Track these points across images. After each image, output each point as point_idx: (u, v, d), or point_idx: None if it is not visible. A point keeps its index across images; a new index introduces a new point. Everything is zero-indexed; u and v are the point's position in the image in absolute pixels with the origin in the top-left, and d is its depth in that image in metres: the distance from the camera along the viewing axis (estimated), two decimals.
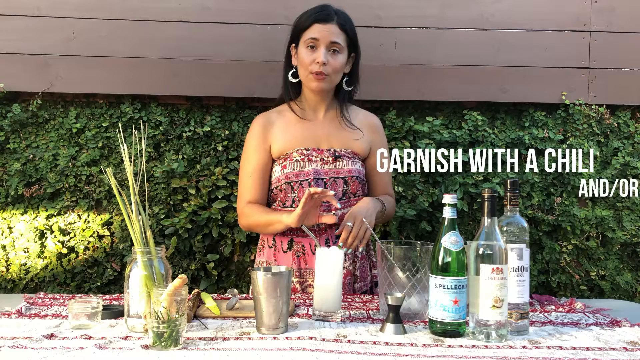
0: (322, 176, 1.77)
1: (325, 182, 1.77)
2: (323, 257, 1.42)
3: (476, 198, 2.35)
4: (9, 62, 2.25)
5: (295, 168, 1.77)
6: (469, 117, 2.34)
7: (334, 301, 1.40)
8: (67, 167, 2.27)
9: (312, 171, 1.76)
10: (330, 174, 1.78)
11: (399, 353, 1.16)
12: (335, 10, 1.79)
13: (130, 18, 2.27)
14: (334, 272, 1.41)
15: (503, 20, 2.36)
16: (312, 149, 1.80)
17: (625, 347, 1.22)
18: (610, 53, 2.38)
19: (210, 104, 2.35)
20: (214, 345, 1.20)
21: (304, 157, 1.78)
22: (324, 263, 1.41)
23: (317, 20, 1.75)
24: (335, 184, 1.77)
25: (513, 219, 1.36)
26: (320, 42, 1.74)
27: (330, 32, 1.75)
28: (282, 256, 1.79)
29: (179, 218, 2.24)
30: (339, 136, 1.84)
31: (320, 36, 1.74)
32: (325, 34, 1.74)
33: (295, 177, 1.77)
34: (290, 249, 1.78)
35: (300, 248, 1.77)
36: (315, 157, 1.79)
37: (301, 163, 1.77)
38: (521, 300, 1.32)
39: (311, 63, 1.74)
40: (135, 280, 1.29)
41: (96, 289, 2.27)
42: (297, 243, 1.77)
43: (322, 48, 1.74)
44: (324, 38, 1.74)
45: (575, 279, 2.36)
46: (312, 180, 1.75)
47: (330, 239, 1.76)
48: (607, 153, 2.39)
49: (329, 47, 1.74)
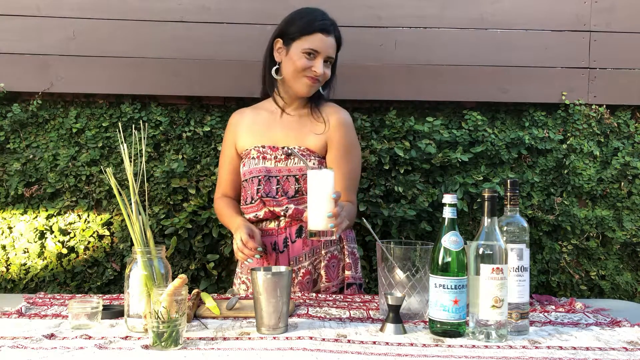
0: (275, 174, 1.80)
1: (279, 179, 1.79)
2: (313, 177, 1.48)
3: (476, 198, 2.35)
4: (9, 62, 2.25)
5: (250, 165, 1.83)
6: (469, 117, 2.34)
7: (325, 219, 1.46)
8: (67, 167, 2.27)
9: (264, 169, 1.80)
10: (283, 172, 1.80)
11: (399, 353, 1.16)
12: (332, 21, 1.81)
13: (130, 18, 2.27)
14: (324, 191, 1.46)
15: (503, 20, 2.36)
16: (267, 146, 1.83)
17: (625, 347, 1.22)
18: (610, 53, 2.38)
19: (210, 104, 2.35)
20: (214, 345, 1.20)
21: (259, 155, 1.83)
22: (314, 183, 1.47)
23: (321, 30, 1.76)
24: (288, 182, 1.79)
25: (513, 219, 1.36)
26: (319, 55, 1.77)
27: (331, 46, 1.79)
28: None
29: (179, 218, 2.24)
30: (299, 133, 1.83)
31: (323, 49, 1.77)
32: (325, 47, 1.77)
33: (250, 174, 1.82)
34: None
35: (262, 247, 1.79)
36: (269, 154, 1.83)
37: (256, 160, 1.83)
38: (521, 300, 1.32)
39: (306, 69, 1.77)
40: (135, 280, 1.30)
41: (96, 289, 2.27)
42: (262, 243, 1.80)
43: (320, 60, 1.77)
44: (324, 51, 1.77)
45: (575, 279, 2.36)
46: (263, 177, 1.79)
47: (288, 238, 1.78)
48: (607, 153, 2.39)
49: (326, 59, 1.78)
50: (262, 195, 1.78)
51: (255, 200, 1.80)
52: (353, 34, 2.27)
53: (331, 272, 1.80)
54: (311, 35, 1.76)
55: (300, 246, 1.78)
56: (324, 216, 1.46)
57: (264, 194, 1.78)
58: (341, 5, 2.30)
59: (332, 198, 1.47)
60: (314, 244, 1.79)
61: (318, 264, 1.80)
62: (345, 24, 2.26)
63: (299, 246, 1.78)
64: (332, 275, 1.80)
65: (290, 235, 1.79)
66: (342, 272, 1.83)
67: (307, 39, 1.76)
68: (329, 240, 1.80)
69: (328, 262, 1.79)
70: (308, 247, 1.78)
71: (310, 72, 1.76)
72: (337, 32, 1.81)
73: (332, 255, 1.81)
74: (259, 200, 1.78)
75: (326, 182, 1.47)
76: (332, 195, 1.47)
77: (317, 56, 1.76)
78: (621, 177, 2.38)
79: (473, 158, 2.34)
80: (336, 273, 1.81)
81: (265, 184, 1.79)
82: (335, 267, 1.82)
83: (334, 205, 1.47)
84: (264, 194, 1.78)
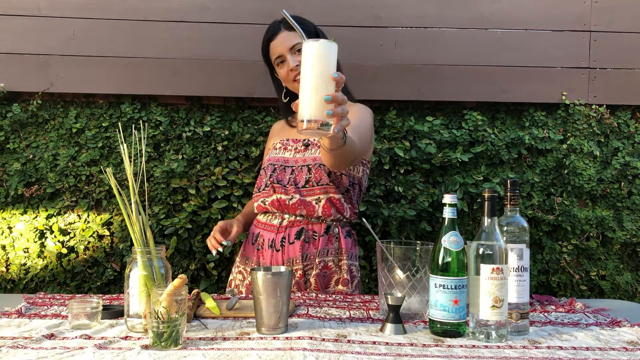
0: (292, 164, 1.84)
1: (293, 169, 1.83)
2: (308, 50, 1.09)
3: (476, 198, 2.35)
4: (9, 62, 2.25)
5: (270, 154, 1.91)
6: (469, 117, 2.34)
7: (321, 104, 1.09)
8: (67, 167, 2.27)
9: (281, 158, 1.86)
10: (299, 162, 1.83)
11: (399, 353, 1.16)
12: (280, 20, 1.84)
13: (130, 18, 2.27)
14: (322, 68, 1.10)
15: (503, 20, 2.36)
16: (291, 139, 1.90)
17: (625, 347, 1.22)
18: (610, 53, 2.38)
19: (210, 104, 2.35)
20: (214, 345, 1.19)
21: (281, 147, 1.90)
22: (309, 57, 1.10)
23: (269, 40, 1.85)
24: (301, 172, 1.81)
25: (513, 219, 1.36)
26: (284, 54, 1.82)
27: (284, 40, 1.82)
28: (249, 247, 1.88)
29: (179, 218, 2.24)
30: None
31: (279, 49, 1.82)
32: (281, 47, 1.82)
33: (268, 161, 1.89)
34: (255, 242, 1.84)
35: (260, 242, 1.82)
36: (291, 146, 1.88)
37: (277, 151, 1.90)
38: (521, 300, 1.32)
39: (287, 74, 1.83)
40: (135, 280, 1.29)
41: (96, 289, 2.27)
42: (260, 237, 1.83)
43: (287, 57, 1.82)
44: (283, 48, 1.82)
45: (575, 279, 2.36)
46: (279, 166, 1.84)
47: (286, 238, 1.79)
48: (607, 153, 2.39)
49: (292, 51, 1.81)
50: (274, 181, 1.81)
51: (267, 186, 1.83)
52: (353, 34, 2.27)
53: (321, 281, 1.77)
54: (269, 49, 1.86)
55: (297, 249, 1.77)
56: (320, 100, 1.11)
57: (276, 180, 1.81)
58: (341, 5, 2.30)
59: (333, 78, 1.15)
60: (310, 250, 1.77)
61: (310, 270, 1.78)
62: (346, 24, 2.27)
63: (295, 248, 1.77)
64: (322, 285, 1.77)
65: (289, 236, 1.79)
66: (335, 286, 1.78)
67: (270, 54, 1.87)
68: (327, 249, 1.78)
69: (320, 272, 1.77)
70: (302, 252, 1.77)
71: (291, 74, 1.82)
72: (285, 24, 1.81)
73: (325, 266, 1.77)
74: (270, 185, 1.82)
75: (325, 56, 1.12)
76: (333, 75, 1.15)
77: (284, 58, 1.83)
78: (621, 177, 2.38)
79: (473, 158, 2.34)
80: (326, 284, 1.78)
81: (280, 172, 1.83)
82: (327, 277, 1.78)
83: (332, 89, 1.16)
84: (275, 181, 1.81)
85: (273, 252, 1.79)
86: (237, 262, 1.93)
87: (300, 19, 1.82)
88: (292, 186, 1.80)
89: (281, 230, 1.80)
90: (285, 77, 1.85)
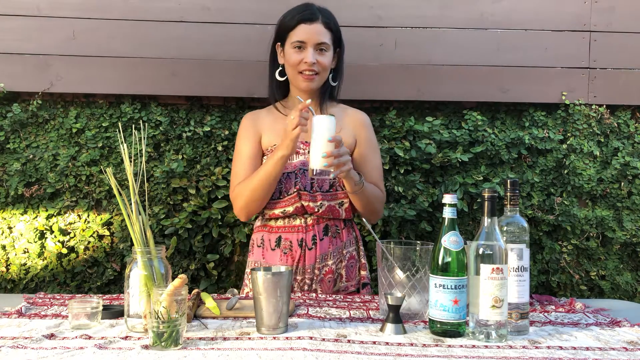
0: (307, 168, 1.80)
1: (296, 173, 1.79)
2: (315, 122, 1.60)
3: (476, 198, 2.35)
4: (9, 62, 2.25)
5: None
6: (469, 117, 2.34)
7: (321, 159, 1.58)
8: (67, 167, 2.27)
9: (299, 163, 1.79)
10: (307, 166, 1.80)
11: (399, 353, 1.16)
12: (318, 8, 1.81)
13: (130, 18, 2.27)
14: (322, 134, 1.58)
15: (503, 20, 2.36)
16: (300, 141, 1.79)
17: (625, 347, 1.22)
18: (610, 53, 2.38)
19: (210, 104, 2.35)
20: (214, 345, 1.20)
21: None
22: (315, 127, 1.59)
23: (302, 21, 1.77)
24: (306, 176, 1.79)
25: (513, 219, 1.36)
26: (307, 44, 1.76)
27: (317, 32, 1.77)
28: (270, 254, 1.81)
29: (179, 218, 2.25)
30: None
31: (307, 37, 1.76)
32: (311, 34, 1.76)
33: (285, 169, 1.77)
34: (278, 246, 1.80)
35: (287, 245, 1.79)
36: (302, 149, 1.81)
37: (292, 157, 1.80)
38: (521, 300, 1.32)
39: (299, 63, 1.77)
40: (135, 280, 1.29)
41: (96, 289, 2.27)
42: (284, 240, 1.80)
43: (309, 48, 1.76)
44: (311, 39, 1.76)
45: (575, 279, 2.36)
46: (299, 171, 1.78)
47: (317, 235, 1.79)
48: (607, 153, 2.39)
49: (316, 47, 1.77)
50: (300, 188, 1.77)
51: (289, 194, 1.78)
52: (353, 34, 2.27)
53: (350, 272, 1.83)
54: (295, 28, 1.77)
55: (327, 245, 1.80)
56: (320, 156, 1.58)
57: (302, 187, 1.77)
58: (341, 5, 2.30)
59: (328, 141, 1.57)
60: (338, 244, 1.81)
61: (340, 263, 1.82)
62: (346, 24, 2.26)
63: (326, 244, 1.80)
64: (351, 275, 1.84)
65: (319, 233, 1.80)
66: (359, 273, 1.86)
67: (293, 34, 1.78)
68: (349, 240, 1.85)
69: (347, 262, 1.83)
70: (333, 247, 1.80)
71: (302, 65, 1.76)
72: (325, 17, 1.79)
73: (350, 256, 1.84)
74: (295, 193, 1.77)
75: (324, 126, 1.58)
76: (328, 138, 1.57)
77: (305, 47, 1.77)
78: (621, 177, 2.38)
79: (473, 158, 2.34)
80: (354, 273, 1.85)
81: (302, 177, 1.78)
82: (354, 267, 1.85)
83: (331, 147, 1.57)
84: (302, 188, 1.77)
85: (305, 251, 1.78)
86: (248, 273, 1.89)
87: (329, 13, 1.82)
88: (317, 192, 1.78)
89: (310, 229, 1.79)
90: (295, 63, 1.77)
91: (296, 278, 1.78)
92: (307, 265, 1.77)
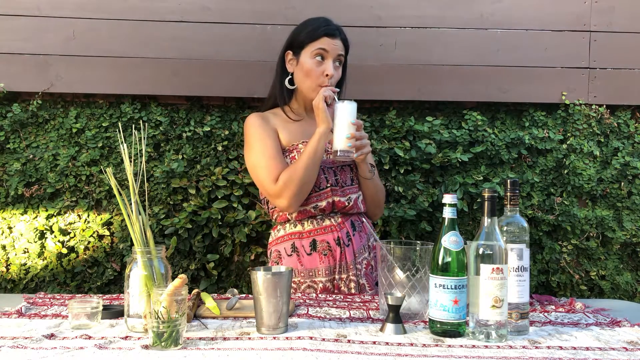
0: (330, 165, 1.85)
1: (334, 170, 1.86)
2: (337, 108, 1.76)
3: (476, 198, 2.35)
4: (9, 62, 2.25)
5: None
6: (469, 117, 2.34)
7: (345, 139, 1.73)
8: (67, 167, 2.27)
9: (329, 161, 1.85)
10: (337, 162, 1.86)
11: (399, 353, 1.16)
12: (337, 26, 1.88)
13: (130, 18, 2.27)
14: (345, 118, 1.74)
15: (503, 20, 2.36)
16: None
17: (625, 347, 1.22)
18: (610, 53, 2.39)
19: (210, 104, 2.35)
20: (214, 345, 1.20)
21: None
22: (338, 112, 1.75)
23: (326, 34, 1.84)
24: (343, 171, 1.87)
25: (513, 219, 1.36)
26: (329, 55, 1.83)
27: (338, 47, 1.85)
28: (307, 259, 1.81)
29: (179, 218, 2.24)
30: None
31: (330, 49, 1.83)
32: (334, 47, 1.84)
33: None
34: (314, 250, 1.81)
35: (325, 246, 1.80)
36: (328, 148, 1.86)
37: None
38: (521, 300, 1.32)
39: (320, 75, 1.82)
40: (135, 280, 1.29)
41: (96, 289, 2.27)
42: (320, 242, 1.81)
43: (330, 60, 1.83)
44: (333, 51, 1.83)
45: (575, 279, 2.36)
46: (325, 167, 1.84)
47: (349, 231, 1.82)
48: (607, 153, 2.39)
49: (335, 59, 1.84)
50: (333, 184, 1.83)
51: (321, 189, 1.81)
52: (353, 34, 2.26)
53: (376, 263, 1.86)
54: (318, 40, 1.83)
55: (358, 239, 1.84)
56: (344, 137, 1.72)
57: (334, 182, 1.83)
58: (341, 5, 2.30)
59: (351, 123, 1.72)
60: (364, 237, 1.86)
61: (370, 254, 1.87)
62: (346, 24, 2.26)
63: (358, 239, 1.84)
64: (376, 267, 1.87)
65: (350, 229, 1.84)
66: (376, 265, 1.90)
67: (315, 43, 1.83)
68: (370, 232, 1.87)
69: (374, 254, 1.87)
70: (363, 240, 1.85)
71: (322, 78, 1.81)
72: (342, 35, 1.89)
73: (373, 246, 1.89)
74: (328, 188, 1.82)
75: (347, 111, 1.73)
76: (351, 121, 1.72)
77: (326, 57, 1.83)
78: (621, 177, 2.38)
79: (473, 158, 2.34)
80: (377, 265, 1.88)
81: (328, 173, 1.84)
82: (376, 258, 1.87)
83: (354, 130, 1.72)
84: (334, 183, 1.83)
85: (343, 248, 1.80)
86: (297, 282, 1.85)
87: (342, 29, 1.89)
88: (344, 186, 1.85)
89: (342, 226, 1.83)
90: (315, 74, 1.81)
91: (341, 277, 1.80)
92: (349, 261, 1.80)
